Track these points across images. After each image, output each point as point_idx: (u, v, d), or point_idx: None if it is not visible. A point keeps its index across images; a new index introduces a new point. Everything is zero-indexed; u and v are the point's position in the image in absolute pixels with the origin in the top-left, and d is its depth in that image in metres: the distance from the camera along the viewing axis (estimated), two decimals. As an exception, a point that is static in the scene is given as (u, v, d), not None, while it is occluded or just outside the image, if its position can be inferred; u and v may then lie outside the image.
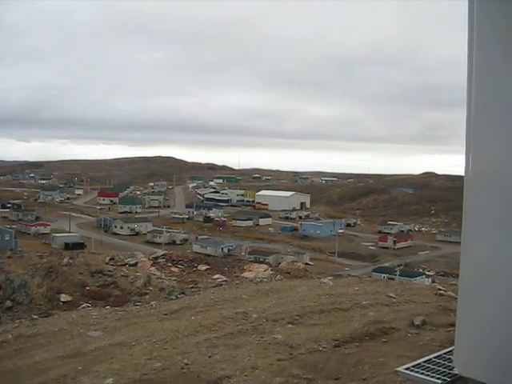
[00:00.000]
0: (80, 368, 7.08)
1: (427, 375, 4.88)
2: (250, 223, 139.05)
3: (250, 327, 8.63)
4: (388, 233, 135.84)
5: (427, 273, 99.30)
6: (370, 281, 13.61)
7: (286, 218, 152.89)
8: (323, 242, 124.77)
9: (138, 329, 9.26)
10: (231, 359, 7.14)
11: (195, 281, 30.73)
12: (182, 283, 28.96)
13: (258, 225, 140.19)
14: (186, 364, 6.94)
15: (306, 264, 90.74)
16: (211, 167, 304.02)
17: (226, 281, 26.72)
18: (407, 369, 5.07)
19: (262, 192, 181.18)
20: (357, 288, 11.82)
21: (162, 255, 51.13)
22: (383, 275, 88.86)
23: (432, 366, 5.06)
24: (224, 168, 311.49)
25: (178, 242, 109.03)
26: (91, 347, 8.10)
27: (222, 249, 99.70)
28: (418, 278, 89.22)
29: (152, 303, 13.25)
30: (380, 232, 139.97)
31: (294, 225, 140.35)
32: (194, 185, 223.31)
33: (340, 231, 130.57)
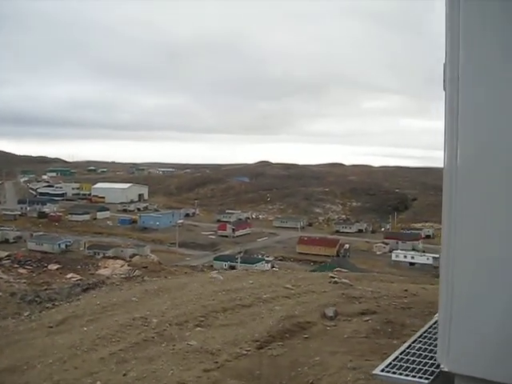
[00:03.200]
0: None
1: (407, 375, 4.46)
2: (87, 217, 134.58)
3: (154, 334, 7.62)
4: (227, 221, 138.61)
5: (266, 258, 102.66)
6: (258, 273, 13.04)
7: (125, 211, 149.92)
8: (163, 233, 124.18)
9: (24, 348, 7.80)
10: (151, 375, 6.14)
11: (48, 282, 28.37)
12: (33, 285, 26.46)
13: (95, 218, 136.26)
14: (100, 387, 5.85)
15: (147, 256, 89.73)
16: (43, 160, 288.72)
17: (81, 279, 24.96)
18: (384, 371, 4.62)
19: (99, 185, 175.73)
20: (251, 281, 11.17)
21: (7, 256, 47.04)
22: (224, 263, 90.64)
23: (407, 365, 4.64)
24: (57, 161, 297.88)
25: (11, 240, 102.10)
26: (-28, 381, 6.64)
27: (59, 245, 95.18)
28: (258, 263, 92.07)
29: (28, 314, 11.60)
30: (219, 221, 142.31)
31: (133, 217, 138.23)
32: (26, 179, 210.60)
33: (179, 222, 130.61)
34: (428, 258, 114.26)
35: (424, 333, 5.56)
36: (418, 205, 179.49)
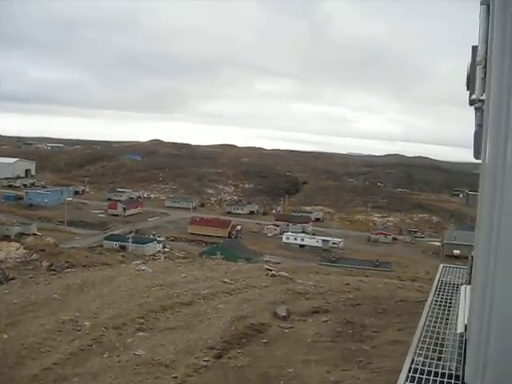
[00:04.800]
0: None
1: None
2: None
3: (91, 342, 6.51)
4: (118, 200, 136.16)
5: (158, 238, 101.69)
6: (185, 263, 11.91)
7: (10, 187, 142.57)
8: (51, 211, 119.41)
9: None
10: (102, 397, 5.12)
11: None
12: None
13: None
14: (40, 417, 4.75)
15: (34, 234, 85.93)
16: None
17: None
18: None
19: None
20: (183, 274, 10.14)
21: None
22: (115, 243, 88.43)
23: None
24: None
25: None
26: None
27: None
28: (149, 244, 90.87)
29: None
30: (109, 199, 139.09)
31: (19, 193, 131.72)
32: None
33: (68, 199, 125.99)
34: (317, 241, 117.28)
35: (419, 345, 4.94)
36: (309, 188, 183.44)
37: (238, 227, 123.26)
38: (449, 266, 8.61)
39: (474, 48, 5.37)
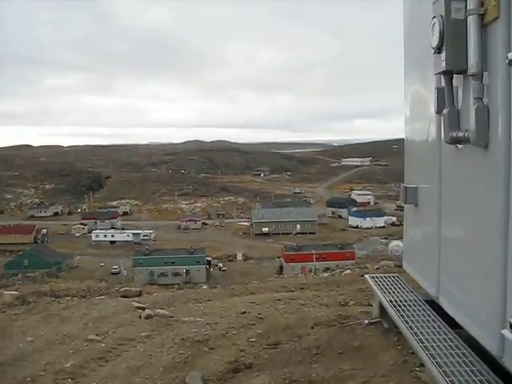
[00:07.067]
0: None
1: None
2: None
3: None
4: None
5: None
6: (22, 313, 8.58)
7: None
8: None
9: None
10: None
11: None
12: None
13: None
14: None
15: None
16: None
17: None
18: None
19: None
20: (29, 338, 7.02)
21: None
22: None
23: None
24: None
25: None
26: None
27: None
28: None
29: None
30: None
31: None
32: None
33: None
34: (128, 235, 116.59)
35: None
36: (113, 182, 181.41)
37: (44, 231, 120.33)
38: (375, 276, 6.93)
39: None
